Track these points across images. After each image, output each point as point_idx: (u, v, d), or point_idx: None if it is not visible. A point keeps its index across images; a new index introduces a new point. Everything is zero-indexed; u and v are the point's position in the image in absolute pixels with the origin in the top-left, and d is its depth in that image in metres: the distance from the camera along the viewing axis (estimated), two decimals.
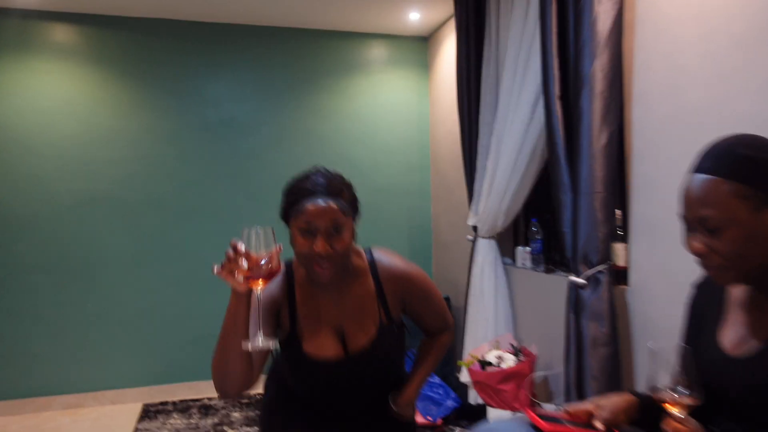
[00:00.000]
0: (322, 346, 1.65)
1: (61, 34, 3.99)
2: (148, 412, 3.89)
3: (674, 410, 1.20)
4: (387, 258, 1.78)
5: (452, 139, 4.19)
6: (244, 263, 1.32)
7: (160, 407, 3.97)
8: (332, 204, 1.52)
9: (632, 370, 2.47)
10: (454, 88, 4.08)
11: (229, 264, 1.31)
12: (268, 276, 1.34)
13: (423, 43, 4.67)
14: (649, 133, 2.33)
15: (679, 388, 1.17)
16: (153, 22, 4.13)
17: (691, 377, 1.17)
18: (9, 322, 3.90)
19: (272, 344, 1.45)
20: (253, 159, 4.33)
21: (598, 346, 2.40)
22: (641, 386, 2.42)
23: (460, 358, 3.60)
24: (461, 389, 3.63)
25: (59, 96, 3.99)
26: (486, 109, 3.34)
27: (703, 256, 1.18)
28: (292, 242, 1.56)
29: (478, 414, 3.47)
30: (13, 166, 3.91)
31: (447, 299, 4.13)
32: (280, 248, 1.35)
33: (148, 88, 4.14)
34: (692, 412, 1.20)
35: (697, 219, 1.17)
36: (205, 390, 4.20)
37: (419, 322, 1.87)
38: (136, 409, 3.97)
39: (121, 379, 4.11)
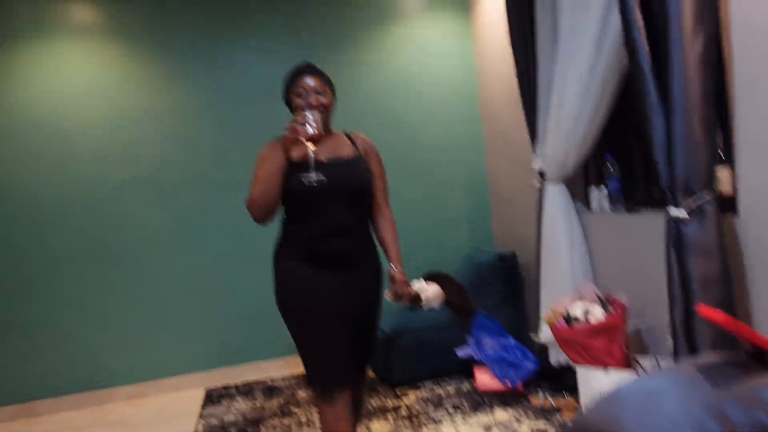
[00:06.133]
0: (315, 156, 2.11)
1: (79, 11, 3.79)
2: (212, 397, 3.74)
3: None
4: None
5: (504, 82, 3.85)
6: (309, 129, 1.99)
7: (223, 391, 3.83)
8: (317, 76, 2.19)
9: (750, 310, 2.14)
10: (500, 26, 3.73)
11: (297, 127, 2.01)
12: (315, 138, 2.01)
13: None
14: (755, 35, 1.96)
15: None
16: None
17: None
18: (58, 315, 3.79)
19: (323, 177, 2.06)
20: (287, 121, 4.06)
21: (710, 286, 2.07)
22: (761, 326, 2.09)
23: (537, 317, 3.31)
24: (538, 350, 3.35)
25: (84, 77, 3.81)
26: (544, 37, 2.99)
27: None
28: (293, 107, 2.20)
29: (560, 375, 3.19)
30: (42, 155, 3.76)
31: (514, 256, 3.82)
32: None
33: (174, 60, 3.92)
34: None
35: None
36: (267, 369, 4.04)
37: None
38: (199, 394, 3.84)
39: (180, 365, 3.97)
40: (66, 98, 3.79)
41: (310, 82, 2.16)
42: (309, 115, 2.02)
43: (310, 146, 2.03)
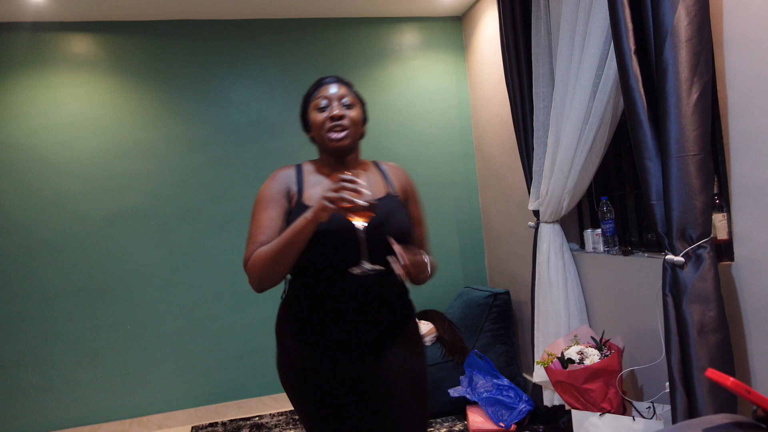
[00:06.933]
0: None
1: (76, 44, 3.81)
2: None
3: None
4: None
5: (499, 121, 3.90)
6: (359, 200, 1.40)
7: (210, 429, 3.74)
8: (343, 85, 1.74)
9: (746, 357, 2.14)
10: (496, 67, 3.80)
11: (344, 195, 1.38)
12: (368, 213, 1.43)
13: (457, 23, 4.38)
14: (749, 83, 2.01)
15: None
16: (171, 24, 3.92)
17: None
18: (46, 350, 3.71)
19: (378, 269, 1.49)
20: (285, 160, 4.07)
21: (706, 332, 2.07)
22: (758, 374, 2.09)
23: (530, 356, 3.29)
24: (531, 390, 3.32)
25: (79, 110, 3.81)
26: (540, 82, 3.04)
27: None
28: (312, 127, 1.72)
29: (554, 417, 3.16)
30: (37, 187, 3.73)
31: (507, 294, 3.81)
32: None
33: (170, 95, 3.93)
34: None
35: None
36: (255, 408, 3.96)
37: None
38: None
39: (167, 402, 3.89)
40: (62, 130, 3.78)
41: (335, 90, 1.69)
42: (357, 179, 1.43)
43: (360, 222, 1.46)
